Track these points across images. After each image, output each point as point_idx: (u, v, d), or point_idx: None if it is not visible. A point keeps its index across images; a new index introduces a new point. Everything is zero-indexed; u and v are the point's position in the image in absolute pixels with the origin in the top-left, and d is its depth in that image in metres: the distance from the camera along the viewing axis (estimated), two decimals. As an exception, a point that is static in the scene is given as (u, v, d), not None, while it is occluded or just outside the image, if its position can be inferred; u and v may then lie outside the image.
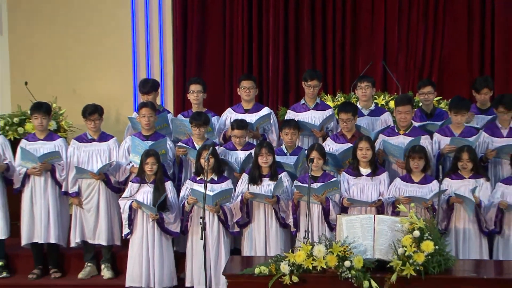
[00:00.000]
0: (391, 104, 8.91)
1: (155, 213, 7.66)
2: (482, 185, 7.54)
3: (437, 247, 6.35)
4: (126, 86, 10.37)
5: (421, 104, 8.49)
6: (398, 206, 6.91)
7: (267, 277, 6.41)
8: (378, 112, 8.46)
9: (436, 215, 7.14)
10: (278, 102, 10.17)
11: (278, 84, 10.38)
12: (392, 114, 8.35)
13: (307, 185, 7.12)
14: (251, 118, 8.33)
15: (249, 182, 7.74)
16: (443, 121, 8.19)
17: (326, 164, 7.80)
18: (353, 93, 9.07)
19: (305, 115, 8.37)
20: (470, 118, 8.13)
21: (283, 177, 7.73)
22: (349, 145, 7.88)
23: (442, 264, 6.36)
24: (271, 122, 8.48)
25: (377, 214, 6.82)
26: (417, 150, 7.56)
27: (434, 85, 8.47)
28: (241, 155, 8.02)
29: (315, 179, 7.55)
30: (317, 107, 8.47)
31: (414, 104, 8.41)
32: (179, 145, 8.13)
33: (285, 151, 8.02)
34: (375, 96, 9.00)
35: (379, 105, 8.89)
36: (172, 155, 8.17)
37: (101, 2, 10.31)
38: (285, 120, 8.25)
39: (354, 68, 10.32)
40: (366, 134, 7.92)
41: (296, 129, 8.00)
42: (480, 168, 7.65)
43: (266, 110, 8.52)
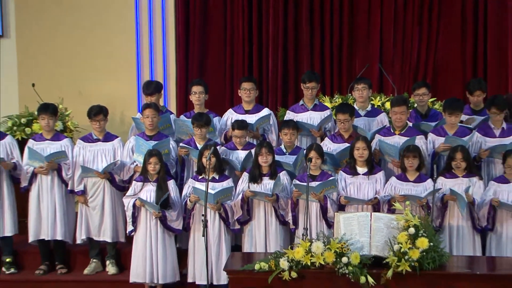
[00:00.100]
0: (387, 105, 8.91)
1: (158, 211, 7.66)
2: (475, 184, 7.54)
3: (432, 244, 6.36)
4: (130, 88, 10.36)
5: (416, 105, 8.48)
6: (394, 204, 6.92)
7: (267, 273, 6.41)
8: (375, 113, 8.45)
9: (431, 213, 7.14)
10: (278, 103, 10.15)
11: (278, 86, 10.37)
12: (388, 115, 8.35)
13: (306, 184, 7.12)
14: (251, 119, 8.32)
15: (250, 181, 7.73)
16: (438, 122, 8.19)
17: (324, 163, 7.80)
18: (350, 95, 9.06)
19: (304, 116, 8.36)
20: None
21: (282, 176, 7.73)
22: (347, 145, 7.87)
23: (437, 260, 6.37)
24: (271, 123, 8.48)
25: (374, 212, 6.85)
26: (412, 150, 7.56)
27: (429, 87, 8.47)
28: (242, 155, 8.01)
29: (314, 178, 7.54)
30: (316, 108, 8.46)
31: (409, 105, 8.40)
32: (181, 146, 8.13)
33: (284, 151, 8.01)
34: (372, 98, 8.99)
35: (376, 106, 8.88)
36: (175, 155, 8.16)
37: (106, 7, 10.30)
38: (284, 121, 8.24)
39: (351, 70, 10.31)
40: (363, 134, 7.91)
41: (295, 130, 7.99)
42: (474, 167, 7.65)
43: (266, 111, 8.52)
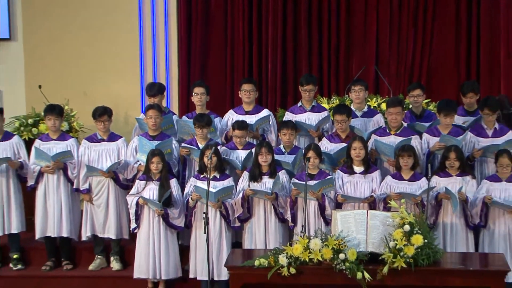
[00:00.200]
0: (383, 106, 8.90)
1: (160, 209, 7.66)
2: (469, 182, 7.53)
3: (426, 241, 6.37)
4: (134, 89, 10.35)
5: (411, 106, 8.48)
6: (390, 202, 6.92)
7: (267, 269, 6.42)
8: (371, 114, 8.45)
9: (425, 211, 7.13)
10: (277, 104, 10.14)
11: (277, 87, 10.36)
12: (384, 116, 8.35)
13: (304, 183, 7.13)
14: (251, 119, 8.32)
15: (250, 180, 7.73)
16: (432, 122, 8.19)
17: (322, 163, 7.79)
18: (347, 96, 9.05)
19: (302, 117, 8.36)
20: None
21: (282, 175, 7.72)
22: (344, 145, 7.87)
23: (431, 257, 6.38)
24: (270, 123, 8.47)
25: (370, 210, 6.85)
26: (406, 149, 7.56)
27: (423, 88, 8.46)
28: (242, 154, 8.00)
29: (312, 177, 7.54)
30: (313, 109, 8.46)
31: (404, 106, 8.40)
32: (183, 146, 8.13)
33: (283, 151, 8.01)
34: (368, 99, 8.98)
35: (372, 107, 8.87)
36: (177, 154, 8.16)
37: (111, 12, 10.28)
38: (283, 121, 8.23)
39: (348, 73, 10.30)
40: (360, 135, 7.91)
41: (294, 130, 7.99)
42: (467, 167, 7.64)
43: (266, 112, 8.51)
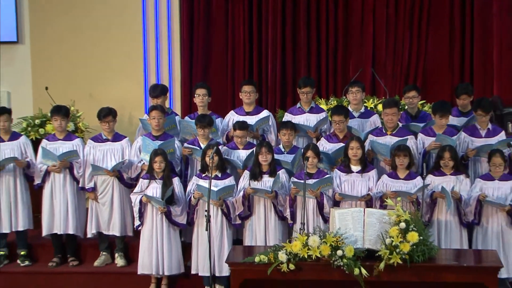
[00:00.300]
0: (380, 107, 8.89)
1: (163, 206, 7.66)
2: (462, 181, 7.54)
3: (421, 238, 6.37)
4: (138, 91, 10.35)
5: (407, 107, 8.49)
6: (386, 200, 6.94)
7: (266, 265, 6.43)
8: (368, 115, 8.45)
9: (420, 208, 7.13)
10: (276, 105, 10.13)
11: (276, 89, 10.35)
12: (380, 116, 8.35)
13: (303, 181, 7.13)
14: (252, 120, 8.32)
15: (250, 178, 7.73)
16: (426, 123, 8.20)
17: (321, 162, 7.79)
18: (345, 97, 9.05)
19: (301, 118, 8.36)
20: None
21: (281, 174, 7.73)
22: (341, 145, 7.87)
23: (426, 253, 6.38)
24: (270, 124, 8.48)
25: (367, 208, 6.84)
26: (402, 149, 7.56)
27: (419, 90, 8.47)
28: (243, 154, 8.01)
29: (310, 176, 7.55)
30: (312, 110, 8.45)
31: (400, 107, 8.40)
32: (185, 146, 8.13)
33: (283, 150, 8.01)
34: (365, 100, 8.98)
35: (369, 108, 8.87)
36: (180, 154, 8.16)
37: (115, 15, 10.28)
38: (283, 122, 8.23)
39: (346, 74, 10.29)
40: (357, 135, 7.92)
41: (293, 130, 7.99)
42: (461, 166, 7.65)
43: (266, 113, 8.51)
